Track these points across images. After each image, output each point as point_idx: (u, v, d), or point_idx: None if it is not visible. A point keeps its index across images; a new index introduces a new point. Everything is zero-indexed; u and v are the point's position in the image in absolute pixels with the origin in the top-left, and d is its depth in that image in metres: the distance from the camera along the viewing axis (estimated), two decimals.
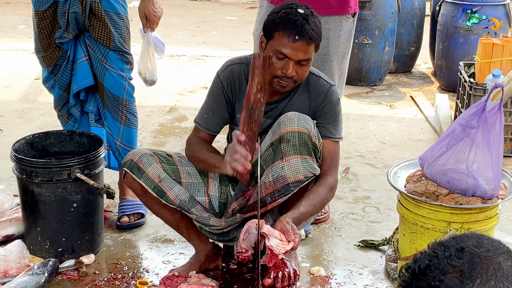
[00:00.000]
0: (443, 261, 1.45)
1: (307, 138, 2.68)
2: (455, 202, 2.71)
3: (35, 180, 3.01)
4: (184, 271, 2.99)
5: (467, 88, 4.57)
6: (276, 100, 2.84)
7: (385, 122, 5.23)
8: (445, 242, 1.51)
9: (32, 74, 6.07)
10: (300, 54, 2.67)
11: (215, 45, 7.56)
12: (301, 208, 2.66)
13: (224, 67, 2.90)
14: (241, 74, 2.86)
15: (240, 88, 2.87)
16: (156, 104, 5.50)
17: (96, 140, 3.27)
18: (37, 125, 4.87)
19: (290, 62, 2.67)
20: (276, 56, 2.68)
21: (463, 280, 1.42)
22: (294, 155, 2.68)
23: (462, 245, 1.47)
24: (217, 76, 2.91)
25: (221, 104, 2.89)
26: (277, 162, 2.71)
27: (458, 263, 1.44)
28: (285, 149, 2.68)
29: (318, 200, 2.72)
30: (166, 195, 2.86)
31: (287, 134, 2.68)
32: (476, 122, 2.68)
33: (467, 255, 1.45)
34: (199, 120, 2.94)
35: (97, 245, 3.23)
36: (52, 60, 3.41)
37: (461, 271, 1.43)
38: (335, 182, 2.82)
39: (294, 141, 2.67)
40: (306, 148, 2.69)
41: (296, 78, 2.71)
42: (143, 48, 3.70)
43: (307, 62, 2.70)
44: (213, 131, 2.93)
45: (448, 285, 1.43)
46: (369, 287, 2.99)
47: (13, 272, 2.98)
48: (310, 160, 2.70)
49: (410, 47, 6.50)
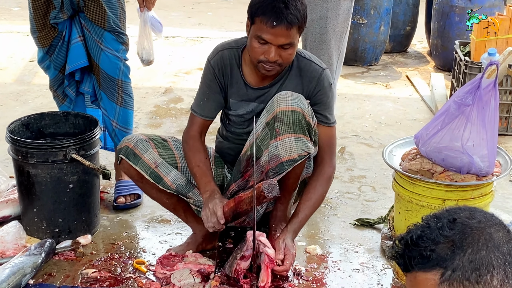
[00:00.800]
0: (435, 232, 1.47)
1: (301, 117, 2.68)
2: (450, 180, 2.72)
3: (30, 161, 3.01)
4: (181, 250, 3.00)
5: (463, 67, 4.57)
6: (267, 85, 2.83)
7: (380, 102, 5.23)
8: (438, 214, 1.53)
9: (27, 56, 6.05)
10: (280, 39, 2.62)
11: (210, 26, 7.53)
12: (300, 215, 2.76)
13: (215, 53, 2.88)
14: (232, 59, 2.85)
15: (231, 73, 2.85)
16: (151, 85, 5.49)
17: (91, 121, 3.26)
18: (32, 107, 4.85)
19: (272, 47, 2.63)
20: (258, 41, 2.65)
21: (454, 250, 1.44)
22: (288, 134, 2.68)
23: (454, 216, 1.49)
24: (208, 62, 2.89)
25: (215, 89, 2.88)
26: (271, 141, 2.71)
27: (449, 234, 1.46)
28: (279, 128, 2.68)
29: (317, 198, 2.81)
30: (163, 180, 2.87)
31: (281, 113, 2.67)
32: (471, 100, 2.68)
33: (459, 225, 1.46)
34: (195, 107, 2.92)
35: (93, 226, 3.24)
36: (47, 40, 3.40)
37: (453, 241, 1.45)
38: (332, 171, 2.86)
39: (288, 120, 2.67)
40: (300, 127, 2.69)
41: (280, 61, 2.67)
42: (140, 28, 3.68)
43: (289, 46, 2.65)
44: (209, 117, 2.92)
45: (440, 254, 1.44)
46: (365, 264, 3.01)
47: (10, 253, 2.99)
48: (304, 139, 2.70)
49: (406, 27, 6.48)
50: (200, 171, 2.83)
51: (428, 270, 1.46)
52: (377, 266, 3.00)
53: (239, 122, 2.93)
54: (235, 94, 2.87)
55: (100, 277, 2.87)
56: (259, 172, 2.76)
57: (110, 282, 2.84)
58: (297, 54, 2.81)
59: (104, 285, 2.82)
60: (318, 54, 3.27)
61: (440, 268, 1.44)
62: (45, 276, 2.88)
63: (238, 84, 2.85)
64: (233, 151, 2.97)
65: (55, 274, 2.90)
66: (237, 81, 2.85)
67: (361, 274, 2.94)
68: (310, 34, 3.46)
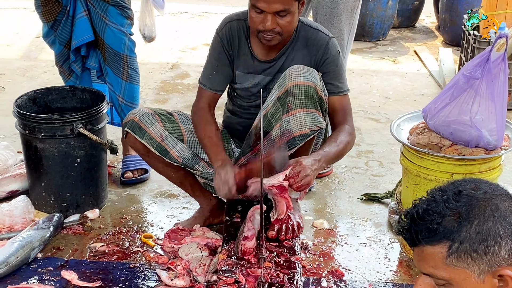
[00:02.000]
0: (441, 205, 1.47)
1: (313, 91, 2.66)
2: (458, 153, 2.71)
3: (38, 135, 3.02)
4: (189, 225, 3.01)
5: (471, 41, 4.53)
6: (274, 58, 2.81)
7: (388, 77, 5.20)
8: (443, 187, 1.53)
9: (33, 32, 6.03)
10: (274, 6, 2.59)
11: (217, 2, 7.48)
12: (325, 149, 2.64)
13: (223, 24, 2.86)
14: (240, 31, 2.82)
15: (239, 44, 2.83)
16: (158, 61, 5.47)
17: (98, 96, 3.25)
18: (39, 83, 4.85)
19: (268, 15, 2.61)
20: (254, 11, 2.63)
21: (461, 222, 1.44)
22: (300, 109, 2.66)
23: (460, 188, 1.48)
24: (216, 34, 2.87)
25: (224, 62, 2.86)
26: (283, 116, 2.70)
27: (455, 206, 1.46)
28: (291, 103, 2.67)
29: (341, 142, 2.69)
30: (169, 153, 2.86)
31: (293, 88, 2.66)
32: (480, 73, 2.66)
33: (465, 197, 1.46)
34: (204, 81, 2.90)
35: (101, 200, 3.25)
36: (51, 15, 3.38)
37: (459, 213, 1.45)
38: (352, 129, 2.80)
39: (300, 95, 2.65)
40: (312, 102, 2.67)
41: (278, 30, 2.64)
42: (142, 4, 3.67)
43: (286, 13, 2.62)
44: (219, 90, 2.90)
45: (446, 227, 1.45)
46: (372, 239, 3.01)
47: (18, 227, 3.01)
48: (316, 114, 2.68)
49: (414, 1, 6.43)
50: (211, 142, 2.80)
51: (435, 244, 1.46)
52: (384, 240, 3.00)
53: (245, 96, 2.92)
54: (242, 66, 2.85)
55: (108, 251, 2.88)
56: (270, 146, 2.75)
57: (118, 256, 2.85)
58: (303, 24, 2.79)
59: (112, 258, 2.83)
60: (329, 29, 3.23)
61: (447, 240, 1.45)
62: (53, 250, 2.90)
63: (245, 56, 2.84)
64: (241, 125, 2.96)
65: (63, 248, 2.92)
66: (244, 52, 2.83)
67: (368, 248, 2.94)
68: (320, 8, 3.42)
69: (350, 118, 2.83)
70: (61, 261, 2.81)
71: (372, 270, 2.79)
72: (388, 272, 2.78)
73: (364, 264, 2.82)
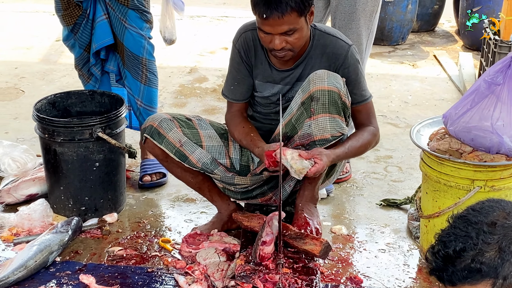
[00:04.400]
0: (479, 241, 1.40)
1: (337, 96, 2.65)
2: (479, 160, 2.68)
3: (57, 139, 3.03)
4: (207, 229, 3.00)
5: (492, 46, 4.48)
6: (291, 67, 2.80)
7: (407, 82, 5.17)
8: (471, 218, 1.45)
9: (53, 36, 6.07)
10: (278, 28, 2.58)
11: (235, 5, 7.48)
12: (347, 144, 2.68)
13: (238, 35, 2.87)
14: (255, 40, 2.82)
15: (256, 54, 2.84)
16: (176, 65, 5.48)
17: (117, 100, 3.26)
18: (59, 86, 4.87)
19: (274, 36, 2.61)
20: (262, 32, 2.64)
21: (503, 257, 1.39)
22: (323, 114, 2.65)
23: (492, 219, 1.42)
24: (233, 45, 2.89)
25: (244, 72, 2.87)
26: (306, 120, 2.69)
27: (493, 240, 1.40)
28: (314, 108, 2.66)
29: (363, 140, 2.74)
30: (188, 158, 2.86)
31: (317, 93, 2.65)
32: (502, 79, 2.63)
33: (500, 229, 1.40)
34: (226, 92, 2.92)
35: (119, 204, 3.25)
36: (72, 18, 3.40)
37: (499, 248, 1.39)
38: (377, 130, 2.82)
39: (323, 100, 2.64)
40: (336, 107, 2.66)
41: (288, 47, 2.64)
42: (162, 7, 3.67)
43: (293, 32, 2.60)
44: (242, 100, 2.92)
45: (489, 264, 1.39)
46: (391, 245, 2.99)
47: (37, 231, 3.02)
48: (338, 119, 2.67)
49: (434, 5, 6.38)
50: (251, 138, 2.82)
51: (477, 282, 1.40)
52: (404, 246, 2.98)
53: (265, 104, 2.92)
54: (261, 75, 2.85)
55: (126, 255, 2.88)
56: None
57: (136, 260, 2.85)
58: (321, 32, 2.78)
59: (130, 263, 2.83)
60: (347, 34, 3.22)
61: (490, 278, 1.39)
62: (72, 254, 2.90)
63: (263, 65, 2.84)
64: (261, 130, 2.95)
65: (82, 251, 2.92)
66: (261, 61, 2.83)
67: (387, 254, 2.92)
68: (339, 13, 3.41)
69: (374, 120, 2.85)
70: (79, 265, 2.82)
71: (391, 276, 2.76)
72: (407, 279, 2.75)
73: (383, 271, 2.80)
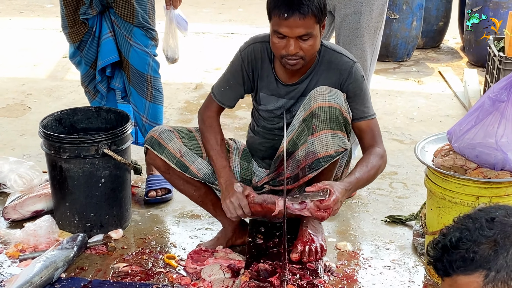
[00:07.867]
0: (475, 233, 1.43)
1: (338, 113, 2.66)
2: (484, 176, 2.68)
3: (63, 156, 3.04)
4: (211, 245, 3.01)
5: (497, 63, 4.50)
6: (297, 81, 2.81)
7: (412, 98, 5.18)
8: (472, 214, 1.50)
9: (60, 53, 6.11)
10: (296, 31, 2.59)
11: (241, 22, 7.53)
12: (356, 174, 2.64)
13: (247, 45, 2.87)
14: (263, 53, 2.83)
15: (262, 66, 2.84)
16: (182, 81, 5.51)
17: (123, 116, 3.28)
18: (65, 103, 4.90)
19: (290, 39, 2.61)
20: (276, 36, 2.64)
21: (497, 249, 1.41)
22: (325, 130, 2.66)
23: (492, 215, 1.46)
24: (239, 52, 2.89)
25: (238, 80, 2.88)
26: (309, 137, 2.70)
27: (490, 233, 1.43)
28: (316, 124, 2.67)
29: (372, 167, 2.68)
30: (189, 169, 2.87)
31: (318, 109, 2.66)
32: (506, 96, 2.64)
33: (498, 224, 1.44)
34: (216, 92, 2.93)
35: (125, 220, 3.26)
36: (78, 36, 3.43)
37: (495, 240, 1.42)
38: (383, 151, 2.78)
39: (325, 116, 2.65)
40: (337, 123, 2.67)
41: (301, 54, 2.64)
42: (166, 26, 3.71)
43: (308, 37, 2.62)
44: (226, 105, 2.93)
45: (483, 255, 1.41)
46: (396, 262, 2.98)
47: (43, 247, 3.03)
48: (341, 135, 2.68)
49: (439, 22, 6.41)
50: (217, 154, 2.84)
51: (470, 273, 1.42)
52: (409, 263, 2.97)
53: (269, 118, 2.92)
54: (266, 87, 2.86)
55: (131, 271, 2.89)
56: (295, 166, 2.75)
57: (141, 277, 2.85)
58: (327, 48, 2.80)
59: (135, 279, 2.83)
60: (351, 50, 3.24)
61: (483, 269, 1.41)
62: (77, 270, 2.91)
63: (268, 78, 2.84)
64: (263, 146, 2.97)
65: (87, 268, 2.93)
66: (267, 75, 2.84)
67: (392, 271, 2.91)
68: (343, 29, 3.43)
69: (380, 140, 2.81)
70: (84, 281, 2.82)
71: None
72: None
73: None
